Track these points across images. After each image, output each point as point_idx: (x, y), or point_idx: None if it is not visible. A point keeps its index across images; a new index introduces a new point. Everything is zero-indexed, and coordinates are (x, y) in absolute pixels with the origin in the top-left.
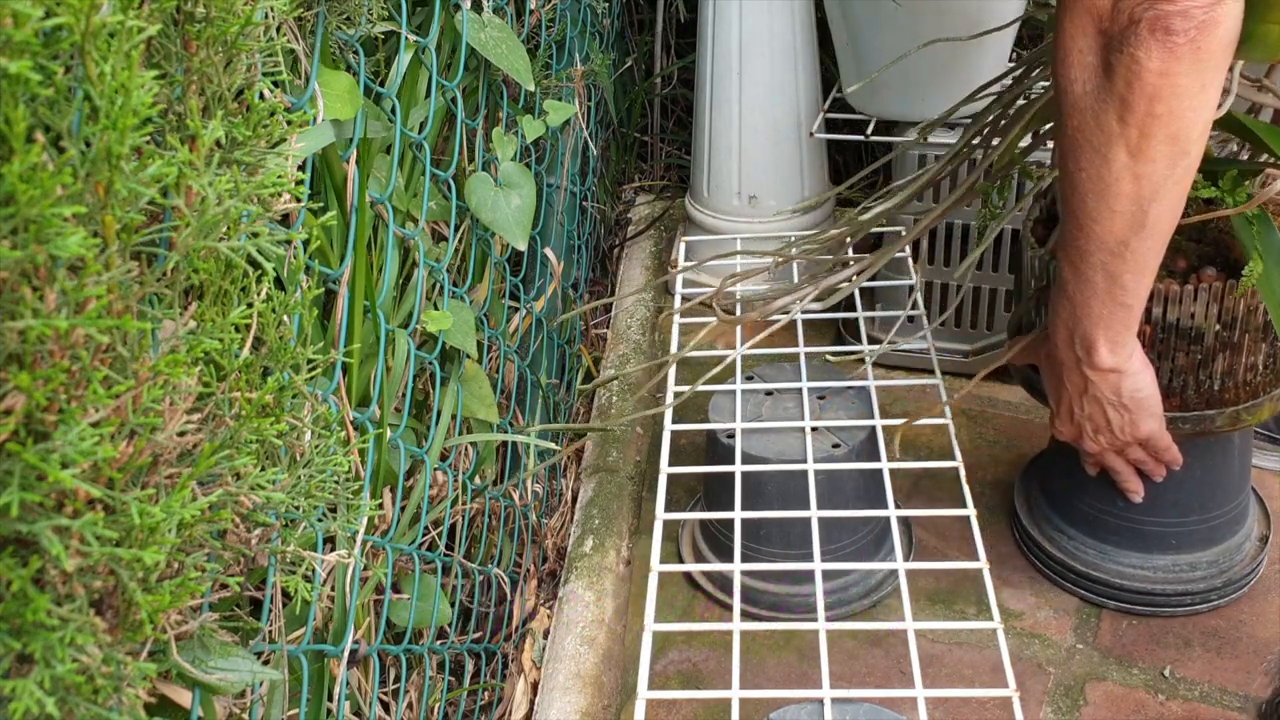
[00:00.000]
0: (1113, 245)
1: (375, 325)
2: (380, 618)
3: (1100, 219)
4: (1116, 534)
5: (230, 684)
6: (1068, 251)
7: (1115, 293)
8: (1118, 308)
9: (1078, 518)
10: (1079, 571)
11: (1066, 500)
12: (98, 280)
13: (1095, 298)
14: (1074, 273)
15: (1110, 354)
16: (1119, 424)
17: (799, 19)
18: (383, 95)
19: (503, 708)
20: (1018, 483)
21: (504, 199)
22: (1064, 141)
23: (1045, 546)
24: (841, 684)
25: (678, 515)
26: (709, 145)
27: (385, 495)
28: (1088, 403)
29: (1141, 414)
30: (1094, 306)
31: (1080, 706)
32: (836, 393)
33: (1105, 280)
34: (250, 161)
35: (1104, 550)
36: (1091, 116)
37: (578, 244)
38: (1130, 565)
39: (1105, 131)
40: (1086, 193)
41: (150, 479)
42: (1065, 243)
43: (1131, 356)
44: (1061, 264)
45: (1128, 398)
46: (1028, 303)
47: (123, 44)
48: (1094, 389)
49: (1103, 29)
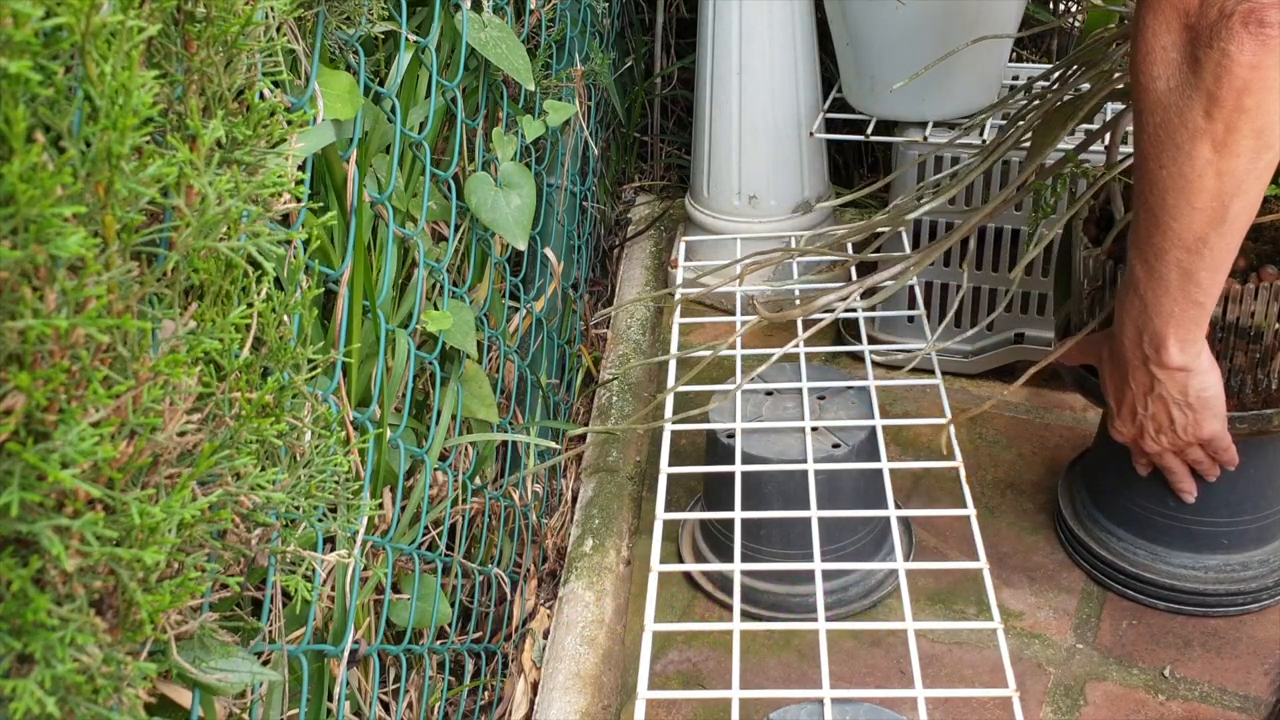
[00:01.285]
0: (1190, 242)
1: (375, 325)
2: (380, 618)
3: (1180, 216)
4: (1168, 534)
5: (230, 684)
6: (1142, 249)
7: (1189, 290)
8: (1190, 305)
9: (1128, 519)
10: (1129, 573)
11: (1115, 501)
12: (98, 280)
13: (1168, 295)
14: (1147, 270)
15: (1180, 352)
16: (1183, 424)
17: (799, 19)
18: (383, 95)
19: (503, 708)
20: (1060, 484)
21: (504, 199)
22: (1143, 139)
23: (1094, 548)
24: (841, 684)
25: (678, 515)
26: (709, 145)
27: (385, 495)
28: (1153, 402)
29: (1206, 414)
30: (1166, 304)
31: (1080, 706)
32: (836, 393)
33: (1180, 277)
34: (250, 161)
35: (1155, 551)
36: (1175, 113)
37: (578, 244)
38: (1182, 566)
39: (1190, 128)
40: (1166, 190)
41: (150, 479)
42: (1140, 240)
43: (1200, 355)
44: (1134, 261)
45: (1194, 397)
46: (1077, 302)
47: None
48: (1161, 388)
49: (1189, 24)
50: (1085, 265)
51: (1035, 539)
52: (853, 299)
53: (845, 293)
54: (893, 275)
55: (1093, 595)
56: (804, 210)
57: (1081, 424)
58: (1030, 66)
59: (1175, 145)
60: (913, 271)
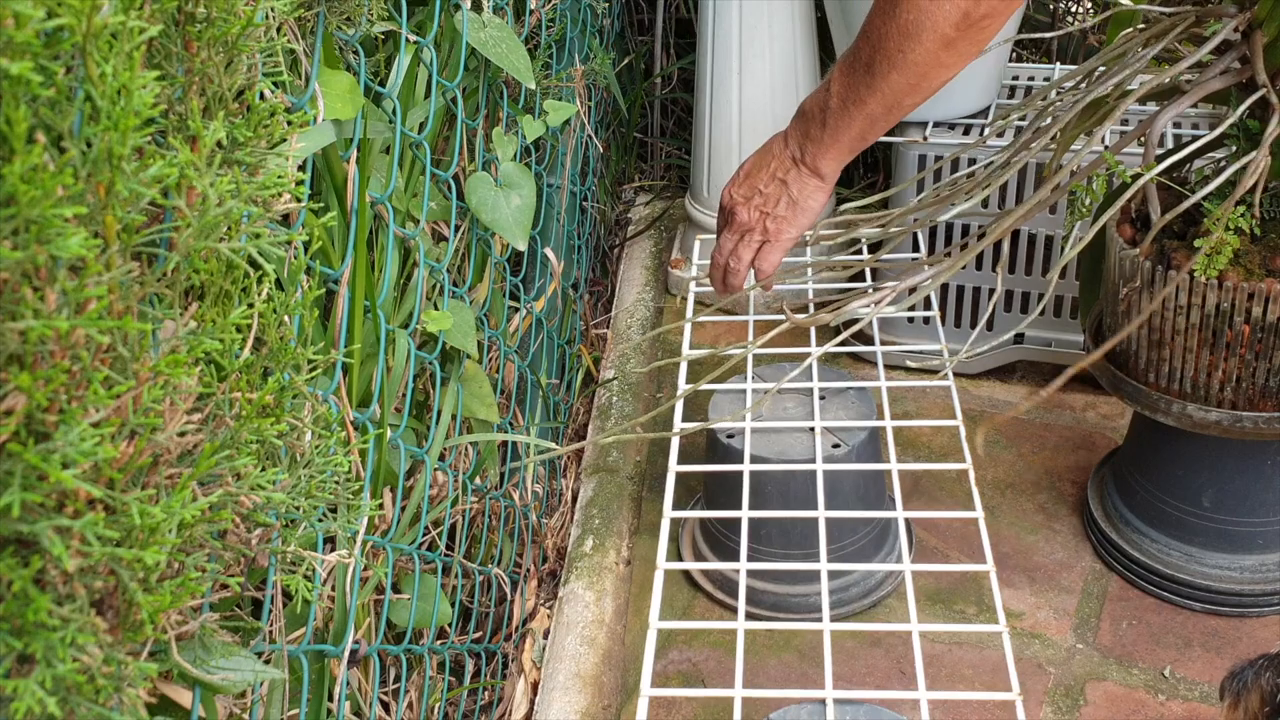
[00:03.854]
0: (891, 100)
1: (375, 325)
2: (380, 618)
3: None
4: (1202, 535)
5: (232, 683)
6: (847, 82)
7: (865, 128)
8: (859, 138)
9: (1162, 520)
10: (1164, 575)
11: (1148, 503)
12: (98, 281)
13: (848, 126)
14: (841, 100)
15: (831, 166)
16: (781, 213)
17: (799, 19)
18: (383, 95)
19: (503, 708)
20: (1090, 485)
21: (504, 199)
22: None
23: (1128, 550)
24: (842, 684)
25: (684, 514)
26: (709, 145)
27: (385, 495)
28: (775, 185)
29: (804, 218)
30: (842, 129)
31: (1080, 706)
32: (836, 392)
33: (864, 119)
34: (251, 162)
35: (1189, 552)
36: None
37: (578, 244)
38: (1217, 566)
39: (938, 29)
40: (891, 65)
41: (151, 479)
42: (848, 77)
43: (836, 174)
44: (833, 84)
45: (805, 201)
46: (1111, 303)
47: (124, 45)
48: (791, 179)
49: None
50: (1121, 266)
51: (1035, 539)
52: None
53: (878, 296)
54: (928, 277)
55: (1093, 595)
56: None
57: (1081, 424)
58: (1030, 67)
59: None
60: (947, 273)
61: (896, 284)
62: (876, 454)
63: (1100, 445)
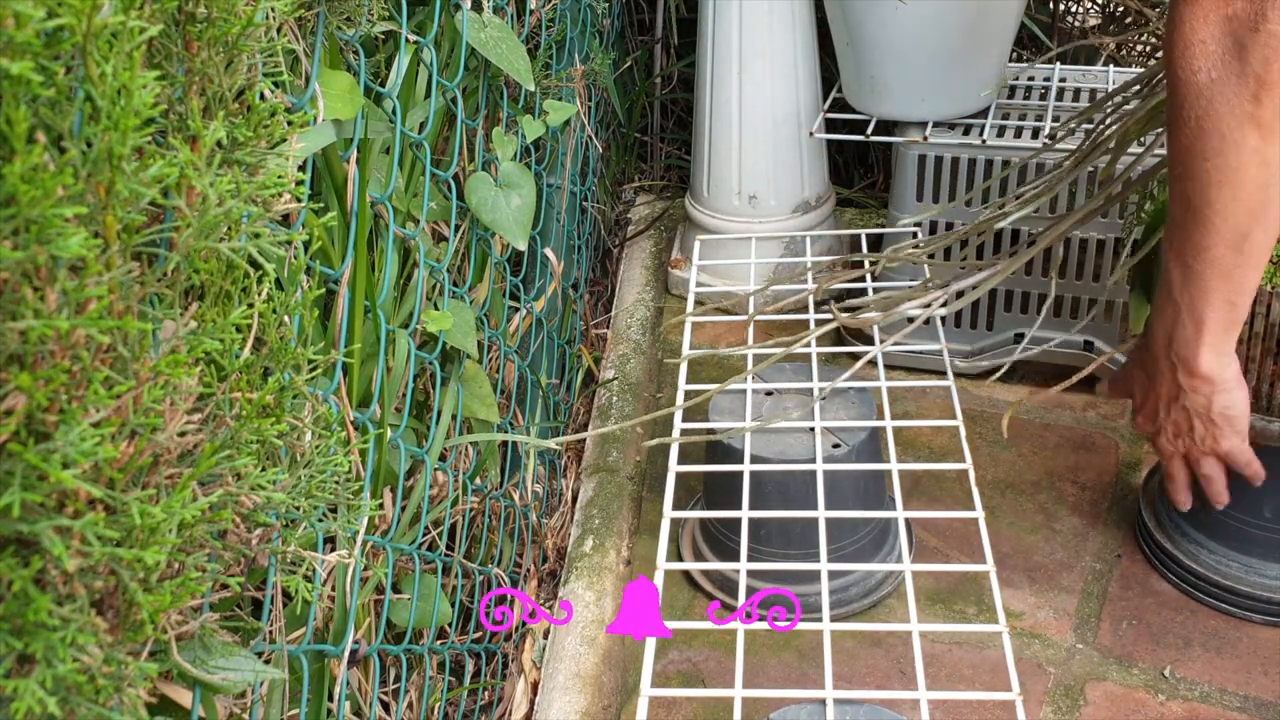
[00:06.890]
0: (1232, 237)
1: (375, 325)
2: (380, 618)
3: (1224, 209)
4: (1261, 546)
5: (232, 683)
6: (1180, 250)
7: (1226, 291)
8: (1225, 307)
9: (1219, 531)
10: (1223, 586)
11: (1204, 513)
12: (99, 281)
13: (1204, 298)
14: (1184, 272)
15: (1212, 360)
16: (1201, 435)
17: (799, 19)
18: (383, 95)
19: (503, 708)
20: (1141, 494)
21: (504, 199)
22: (1184, 134)
23: (1185, 561)
24: (841, 684)
25: (684, 514)
26: (709, 145)
27: (385, 495)
28: (1175, 410)
29: (1227, 430)
30: (1200, 307)
31: (1080, 706)
32: (836, 393)
33: (1218, 278)
34: (251, 162)
35: (1248, 564)
36: (1221, 102)
37: (578, 244)
38: (1274, 577)
39: (1236, 114)
40: (1210, 183)
41: (151, 479)
42: (1178, 240)
43: (1229, 367)
44: (1170, 264)
45: (1218, 413)
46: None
47: (124, 45)
48: (1185, 399)
49: (1229, 14)
50: None
51: (1035, 539)
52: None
53: (929, 298)
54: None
55: (1093, 595)
56: (804, 210)
57: (1081, 424)
58: (1030, 67)
59: (1220, 135)
60: (999, 276)
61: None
62: (876, 454)
63: (1100, 445)
